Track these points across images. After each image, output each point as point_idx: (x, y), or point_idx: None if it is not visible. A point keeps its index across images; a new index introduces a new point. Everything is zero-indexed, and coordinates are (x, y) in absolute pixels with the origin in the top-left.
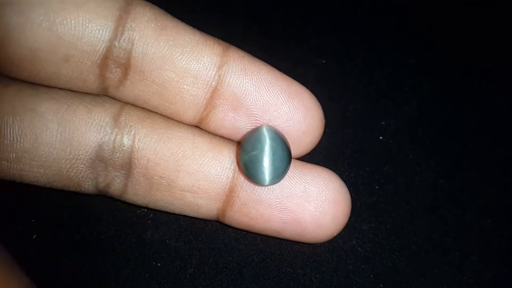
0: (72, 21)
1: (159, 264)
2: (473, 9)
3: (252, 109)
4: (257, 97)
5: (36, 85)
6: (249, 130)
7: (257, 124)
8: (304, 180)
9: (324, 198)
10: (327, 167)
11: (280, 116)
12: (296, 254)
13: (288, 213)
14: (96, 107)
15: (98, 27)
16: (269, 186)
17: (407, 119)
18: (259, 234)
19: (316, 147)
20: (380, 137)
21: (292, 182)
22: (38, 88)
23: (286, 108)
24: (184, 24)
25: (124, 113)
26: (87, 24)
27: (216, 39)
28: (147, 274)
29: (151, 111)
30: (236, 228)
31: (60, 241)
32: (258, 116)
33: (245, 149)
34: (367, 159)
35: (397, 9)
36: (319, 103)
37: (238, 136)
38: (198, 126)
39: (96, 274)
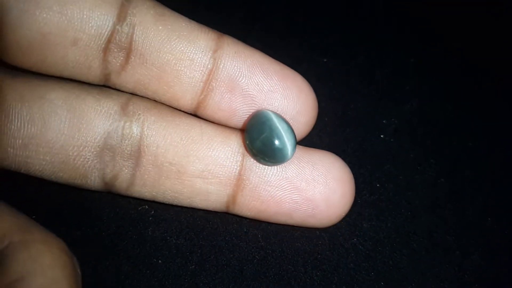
0: (81, 5)
1: (160, 261)
2: (473, 9)
3: (247, 90)
4: (252, 78)
5: (44, 76)
6: (245, 114)
7: (253, 106)
8: (312, 160)
9: (332, 176)
10: None
11: (274, 96)
12: (297, 252)
13: (299, 193)
14: (104, 98)
15: (104, 12)
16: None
17: (408, 118)
18: (261, 231)
19: (317, 145)
20: (381, 136)
21: (300, 163)
22: (47, 79)
23: (280, 88)
24: (179, 14)
25: (131, 103)
26: (95, 9)
27: (211, 28)
28: (148, 271)
29: (158, 102)
30: (242, 220)
31: (60, 238)
32: (253, 96)
33: (253, 136)
34: (367, 158)
35: (398, 9)
36: (310, 86)
37: (235, 119)
38: (197, 114)
39: (97, 271)
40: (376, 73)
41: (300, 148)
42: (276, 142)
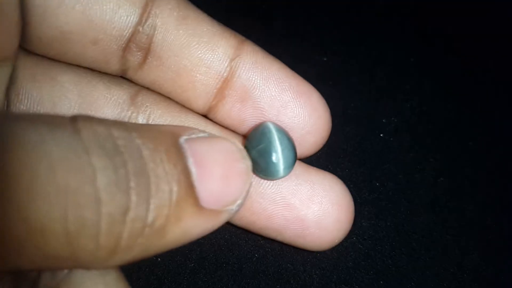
0: (104, 6)
1: (159, 259)
2: (473, 8)
3: (258, 102)
4: (265, 91)
5: (57, 60)
6: (253, 125)
7: (263, 118)
8: (310, 180)
9: (328, 199)
10: (328, 164)
11: (285, 112)
12: (297, 250)
13: (291, 210)
14: (115, 86)
15: (127, 13)
16: (277, 180)
17: (408, 117)
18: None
19: None
20: (381, 135)
21: (298, 180)
22: (59, 62)
23: (293, 105)
24: (205, 15)
25: (141, 95)
26: (117, 10)
27: (234, 32)
28: (147, 269)
29: (167, 97)
30: (236, 226)
31: None
32: (263, 109)
33: (251, 144)
34: (367, 157)
35: (399, 8)
36: (326, 105)
37: (243, 128)
38: (207, 116)
39: None
40: (376, 72)
41: (301, 166)
42: (273, 156)
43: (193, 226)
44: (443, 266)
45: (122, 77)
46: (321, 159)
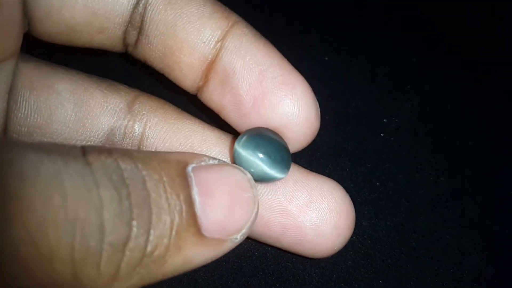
0: None
1: None
2: (475, 8)
3: (236, 89)
4: (244, 78)
5: (55, 65)
6: (234, 111)
7: (240, 106)
8: (308, 185)
9: (326, 205)
10: (328, 164)
11: (263, 103)
12: None
13: (288, 217)
14: (112, 93)
15: (127, 1)
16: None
17: (409, 116)
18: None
19: (317, 143)
20: (382, 134)
21: (296, 186)
22: (57, 67)
23: (272, 96)
24: None
25: (138, 102)
26: None
27: (227, 13)
28: None
29: (165, 102)
30: None
31: None
32: (241, 97)
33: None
34: (368, 156)
35: (400, 7)
36: (312, 96)
37: (223, 113)
38: (197, 96)
39: None
40: (377, 71)
41: (300, 171)
42: (267, 170)
43: (194, 255)
44: (442, 266)
45: (119, 84)
46: (321, 159)
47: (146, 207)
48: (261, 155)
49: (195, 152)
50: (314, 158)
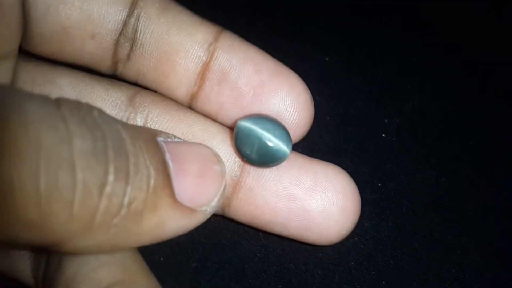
0: (100, 2)
1: (162, 259)
2: (475, 8)
3: (235, 83)
4: (242, 72)
5: (56, 64)
6: (233, 108)
7: (239, 100)
8: (313, 170)
9: (332, 188)
10: None
11: (263, 92)
12: (299, 250)
13: (295, 202)
14: (113, 88)
15: (120, 7)
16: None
17: (410, 117)
18: (262, 230)
19: (318, 144)
20: (383, 135)
21: (300, 170)
22: (58, 66)
23: (270, 85)
24: (185, 8)
25: (139, 95)
26: (112, 4)
27: (212, 23)
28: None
29: (166, 97)
30: (239, 223)
31: None
32: (241, 90)
33: (247, 152)
34: (369, 157)
35: (400, 7)
36: (305, 85)
37: (221, 113)
38: (190, 107)
39: None
40: (377, 71)
41: (303, 157)
42: (270, 144)
43: (168, 218)
44: (444, 267)
45: (118, 78)
46: (322, 159)
47: (122, 154)
48: (264, 130)
49: (198, 141)
50: (315, 158)
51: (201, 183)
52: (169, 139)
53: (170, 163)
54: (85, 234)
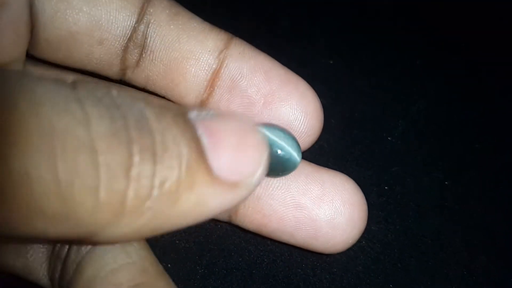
0: (109, 6)
1: (169, 265)
2: (479, 10)
3: (245, 91)
4: (252, 80)
5: (64, 68)
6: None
7: (250, 107)
8: (320, 179)
9: (340, 197)
10: (335, 168)
11: (273, 100)
12: (306, 255)
13: (302, 210)
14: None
15: (129, 13)
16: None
17: (415, 120)
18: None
19: (324, 148)
20: (388, 138)
21: (307, 179)
22: (65, 71)
23: (280, 93)
24: (194, 15)
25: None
26: (121, 10)
27: (222, 30)
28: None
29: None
30: (247, 231)
31: None
32: (251, 98)
33: None
34: (375, 160)
35: (404, 11)
36: (315, 93)
37: None
38: None
39: None
40: (382, 74)
41: (311, 166)
42: (280, 153)
43: (208, 195)
44: (452, 269)
45: (127, 85)
46: (328, 163)
47: (147, 133)
48: (275, 136)
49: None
50: (321, 162)
51: (241, 155)
52: (202, 113)
53: (204, 139)
54: (118, 221)
